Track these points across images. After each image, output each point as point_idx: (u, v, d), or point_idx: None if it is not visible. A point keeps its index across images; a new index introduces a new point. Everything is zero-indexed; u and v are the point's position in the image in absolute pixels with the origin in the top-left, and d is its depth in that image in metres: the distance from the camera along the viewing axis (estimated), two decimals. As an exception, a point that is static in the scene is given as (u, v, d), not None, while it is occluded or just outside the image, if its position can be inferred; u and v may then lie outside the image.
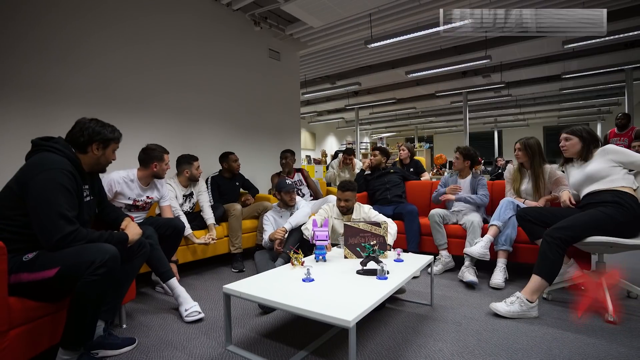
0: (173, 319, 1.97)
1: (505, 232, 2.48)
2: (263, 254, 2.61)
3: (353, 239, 2.08)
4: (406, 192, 3.50)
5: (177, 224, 2.29)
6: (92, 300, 1.34)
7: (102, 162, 1.62)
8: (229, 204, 3.12)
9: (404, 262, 1.98)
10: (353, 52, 6.57)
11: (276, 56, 4.89)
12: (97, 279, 1.32)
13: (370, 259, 1.75)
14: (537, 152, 2.64)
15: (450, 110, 12.18)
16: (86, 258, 1.32)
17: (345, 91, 9.42)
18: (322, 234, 2.04)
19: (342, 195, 2.57)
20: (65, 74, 2.75)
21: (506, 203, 2.54)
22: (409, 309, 2.08)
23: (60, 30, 2.73)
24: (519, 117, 13.62)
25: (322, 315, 1.24)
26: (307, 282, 1.59)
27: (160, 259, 2.01)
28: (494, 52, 6.15)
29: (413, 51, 6.63)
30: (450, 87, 8.70)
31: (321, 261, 1.97)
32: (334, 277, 1.69)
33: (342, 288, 1.52)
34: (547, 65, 7.13)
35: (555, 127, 14.76)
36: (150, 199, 2.37)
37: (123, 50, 3.12)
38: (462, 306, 2.10)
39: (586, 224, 1.90)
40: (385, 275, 1.65)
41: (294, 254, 1.89)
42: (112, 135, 1.62)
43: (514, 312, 1.91)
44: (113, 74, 3.05)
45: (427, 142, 11.29)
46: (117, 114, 3.07)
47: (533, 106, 11.37)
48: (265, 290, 1.50)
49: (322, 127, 14.60)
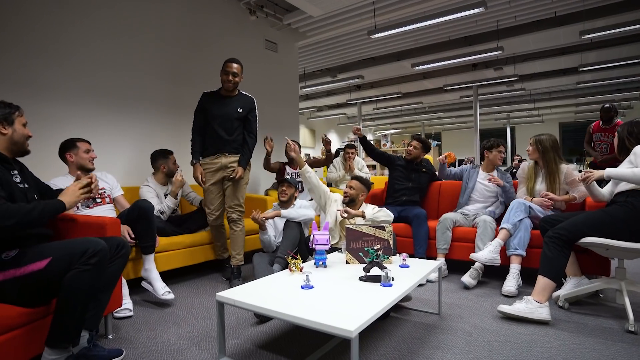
0: (162, 329, 1.97)
1: (518, 235, 2.48)
2: (262, 257, 2.61)
3: (355, 243, 2.08)
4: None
5: (142, 204, 2.29)
6: (82, 292, 1.39)
7: (17, 138, 1.60)
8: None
9: (410, 267, 1.98)
10: (355, 43, 6.57)
11: (273, 47, 4.90)
12: (89, 269, 1.38)
13: (374, 264, 1.75)
14: (549, 148, 2.66)
15: (460, 106, 12.19)
16: (78, 248, 1.39)
17: (347, 85, 9.42)
18: (322, 238, 2.04)
19: (350, 182, 2.72)
20: (42, 67, 2.74)
21: (517, 204, 2.55)
22: (415, 318, 2.08)
23: (39, 20, 2.73)
24: (533, 112, 13.62)
25: (322, 325, 1.23)
26: (306, 289, 1.59)
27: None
28: (507, 43, 6.15)
29: (420, 42, 6.63)
30: (459, 80, 8.70)
31: (321, 267, 1.97)
32: (334, 283, 1.69)
33: (343, 296, 1.52)
34: (563, 57, 7.13)
35: (571, 123, 14.76)
36: (101, 189, 2.43)
37: (106, 41, 3.11)
38: (472, 315, 2.10)
39: (582, 223, 1.98)
40: (390, 282, 1.65)
41: (291, 259, 1.89)
42: (9, 109, 1.59)
43: (519, 310, 1.94)
44: (95, 66, 3.04)
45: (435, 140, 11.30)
46: (99, 109, 3.08)
47: (548, 101, 11.37)
48: (261, 298, 1.49)
49: (322, 124, 14.62)
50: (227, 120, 2.69)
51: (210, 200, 2.75)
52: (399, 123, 15.96)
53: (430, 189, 3.53)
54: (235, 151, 2.73)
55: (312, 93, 10.44)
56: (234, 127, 2.71)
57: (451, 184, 3.41)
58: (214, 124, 2.68)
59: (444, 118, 14.73)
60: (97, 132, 3.02)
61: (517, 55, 7.35)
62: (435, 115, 14.03)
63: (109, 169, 2.78)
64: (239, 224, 2.76)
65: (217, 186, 2.73)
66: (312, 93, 10.45)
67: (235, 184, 2.70)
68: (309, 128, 13.73)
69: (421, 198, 3.43)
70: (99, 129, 3.05)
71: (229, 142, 2.70)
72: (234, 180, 2.69)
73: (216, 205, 2.76)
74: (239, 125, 2.73)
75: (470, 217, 2.94)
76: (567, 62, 7.73)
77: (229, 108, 2.70)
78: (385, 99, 10.33)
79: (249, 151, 2.77)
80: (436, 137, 17.02)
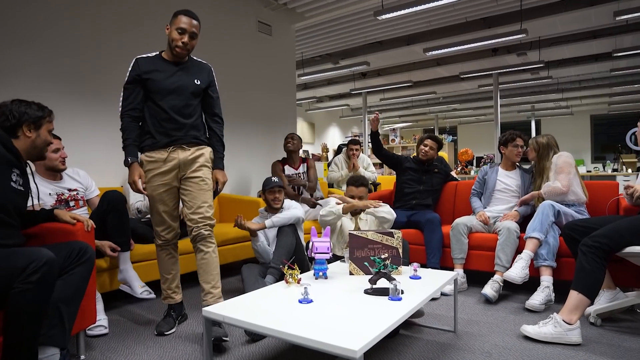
0: (142, 348, 1.96)
1: (547, 243, 2.48)
2: (251, 268, 2.60)
3: (360, 252, 2.08)
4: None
5: (111, 195, 2.29)
6: (26, 314, 1.37)
7: (39, 144, 1.72)
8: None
9: (421, 279, 1.97)
10: (360, 25, 6.56)
11: (267, 30, 4.89)
12: (30, 288, 1.35)
13: (381, 275, 1.75)
14: (545, 146, 2.81)
15: (478, 96, 12.18)
16: (18, 263, 1.36)
17: (350, 72, 9.41)
18: (323, 246, 2.03)
19: (357, 192, 2.68)
20: (2, 47, 2.73)
21: (547, 208, 2.54)
22: (427, 335, 2.08)
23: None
24: (561, 104, 13.61)
25: (322, 344, 1.23)
26: (304, 303, 1.59)
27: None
28: (531, 25, 6.14)
29: (433, 24, 6.63)
30: (478, 67, 8.69)
31: (321, 278, 1.97)
32: (336, 297, 1.69)
33: (346, 311, 1.52)
34: (595, 41, 7.12)
35: (604, 116, 14.75)
36: (74, 190, 2.44)
37: (78, 21, 3.11)
38: (492, 333, 2.09)
39: (626, 230, 1.94)
40: (399, 296, 1.65)
41: (288, 269, 1.89)
42: (42, 113, 1.72)
43: (547, 335, 1.92)
44: (65, 49, 3.04)
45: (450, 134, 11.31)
46: (71, 98, 3.07)
47: (578, 90, 11.37)
48: (254, 313, 1.49)
49: (323, 116, 14.61)
50: (181, 96, 2.12)
51: (162, 214, 2.18)
52: (409, 116, 15.96)
53: (445, 190, 3.53)
54: (197, 141, 2.18)
55: (311, 82, 10.43)
56: (192, 106, 2.17)
57: (469, 185, 3.40)
58: (162, 102, 2.09)
59: (460, 110, 14.72)
60: (68, 124, 3.00)
61: (542, 39, 7.34)
62: (450, 107, 14.02)
63: (80, 167, 2.75)
64: (210, 243, 2.16)
65: (170, 194, 2.16)
66: (311, 82, 10.45)
67: (196, 186, 2.14)
68: (308, 121, 13.73)
69: (434, 201, 3.42)
70: (70, 121, 3.04)
71: (186, 127, 2.13)
72: (194, 184, 2.13)
73: (170, 219, 2.21)
74: (197, 104, 2.22)
75: (491, 222, 2.94)
76: (600, 46, 7.72)
77: (182, 79, 2.14)
78: (394, 88, 10.32)
79: (221, 144, 2.29)
80: (451, 131, 17.01)
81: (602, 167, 9.94)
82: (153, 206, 2.18)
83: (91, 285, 1.78)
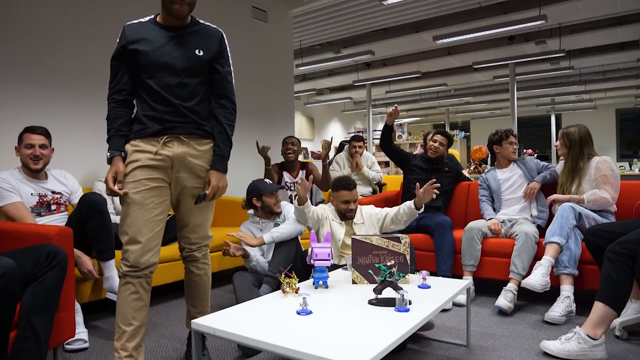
0: (125, 364, 1.96)
1: (568, 248, 2.48)
2: (244, 276, 2.61)
3: (364, 259, 2.08)
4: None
5: (91, 197, 2.29)
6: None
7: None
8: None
9: (431, 288, 1.97)
10: (364, 10, 6.57)
11: (262, 16, 4.90)
12: None
13: (387, 284, 1.75)
14: (577, 141, 2.76)
15: (493, 88, 12.20)
16: None
17: (353, 62, 9.42)
18: (323, 252, 2.04)
19: (350, 196, 2.63)
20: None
21: (567, 211, 2.54)
22: (438, 350, 2.08)
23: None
24: (584, 96, 13.63)
25: (322, 360, 1.24)
26: (302, 315, 1.59)
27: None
28: (551, 10, 6.15)
29: (443, 9, 6.64)
30: (492, 57, 8.71)
31: (322, 287, 1.97)
32: (338, 308, 1.69)
33: (349, 323, 1.52)
34: (620, 28, 7.14)
35: (631, 110, 14.77)
36: (57, 193, 2.45)
37: (61, 11, 3.12)
38: (508, 347, 2.10)
39: None
40: (407, 307, 1.65)
41: (285, 277, 1.89)
42: None
43: (570, 352, 1.92)
44: (47, 41, 3.05)
45: (462, 130, 11.31)
46: (52, 92, 3.08)
47: (602, 82, 11.39)
48: (248, 325, 1.49)
49: (323, 110, 14.63)
50: (180, 69, 1.76)
51: (139, 223, 1.69)
52: (418, 110, 15.98)
53: (457, 191, 3.53)
54: (199, 132, 1.81)
55: (310, 72, 10.44)
56: (191, 85, 1.79)
57: (482, 185, 3.41)
58: (151, 80, 1.75)
59: (473, 104, 14.75)
60: (49, 119, 2.99)
61: (563, 25, 7.35)
62: (463, 100, 14.04)
63: (63, 166, 2.76)
64: (204, 264, 1.97)
65: (154, 196, 1.73)
66: (311, 72, 10.46)
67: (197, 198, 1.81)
68: (307, 116, 13.74)
69: (445, 203, 3.43)
70: (50, 116, 3.05)
71: (184, 112, 1.76)
72: (200, 197, 1.79)
73: (151, 234, 1.71)
74: (200, 80, 1.83)
75: (507, 225, 2.94)
76: (626, 34, 7.73)
77: (180, 48, 1.79)
78: (401, 79, 10.34)
79: (227, 136, 1.85)
80: (463, 126, 17.03)
81: (629, 165, 9.90)
82: (126, 211, 1.70)
83: (69, 295, 1.79)
